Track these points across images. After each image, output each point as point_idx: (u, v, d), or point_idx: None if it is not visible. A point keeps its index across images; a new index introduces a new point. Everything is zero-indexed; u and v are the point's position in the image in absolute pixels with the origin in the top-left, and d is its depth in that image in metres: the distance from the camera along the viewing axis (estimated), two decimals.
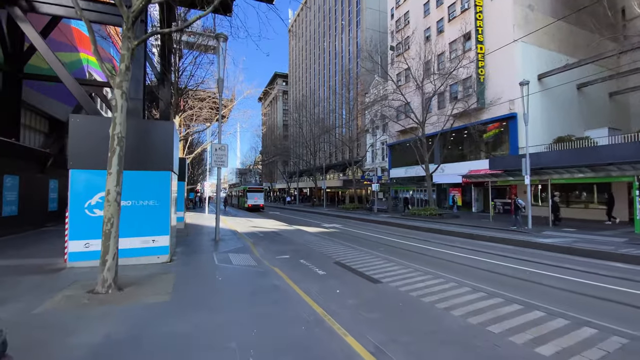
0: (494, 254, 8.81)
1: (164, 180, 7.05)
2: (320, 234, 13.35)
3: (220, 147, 10.50)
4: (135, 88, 7.48)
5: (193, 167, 41.54)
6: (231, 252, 8.39)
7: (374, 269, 6.87)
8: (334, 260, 7.80)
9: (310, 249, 9.48)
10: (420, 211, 21.83)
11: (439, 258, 8.25)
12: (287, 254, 8.68)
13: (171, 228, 7.36)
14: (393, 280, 5.90)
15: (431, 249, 9.74)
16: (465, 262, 7.69)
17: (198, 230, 13.72)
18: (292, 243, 10.80)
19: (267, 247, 9.76)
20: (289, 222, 19.57)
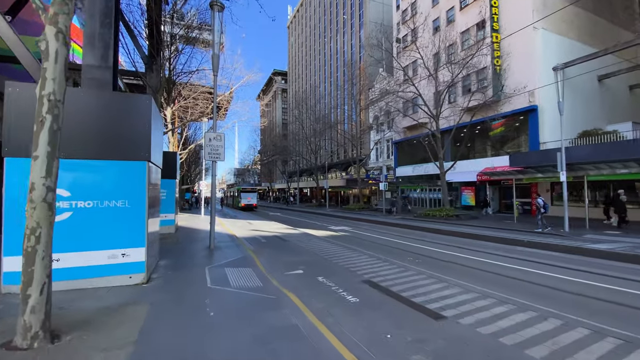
0: (550, 265, 7.09)
1: (137, 174, 5.27)
2: (330, 239, 11.59)
3: (216, 136, 8.73)
4: (102, 53, 5.71)
5: (189, 165, 39.70)
6: (229, 266, 6.62)
7: (420, 291, 5.12)
8: (362, 277, 6.05)
9: (327, 260, 7.73)
10: (434, 212, 20.11)
11: (488, 272, 6.52)
12: (299, 267, 6.92)
13: (149, 237, 5.59)
14: (459, 314, 4.14)
15: (471, 258, 8.01)
16: (530, 279, 5.96)
17: (191, 235, 11.93)
18: (302, 251, 9.04)
19: (272, 258, 7.98)
20: (292, 224, 17.80)
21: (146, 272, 5.31)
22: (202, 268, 6.44)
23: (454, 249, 9.41)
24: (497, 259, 7.96)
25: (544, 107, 21.05)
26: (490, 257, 8.21)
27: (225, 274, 5.98)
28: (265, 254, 8.51)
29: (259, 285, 5.28)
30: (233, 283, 5.37)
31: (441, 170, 20.87)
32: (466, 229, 13.90)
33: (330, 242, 10.87)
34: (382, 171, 37.00)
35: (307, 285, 5.47)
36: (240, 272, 6.13)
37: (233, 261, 7.18)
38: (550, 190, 20.55)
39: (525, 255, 8.49)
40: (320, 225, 17.56)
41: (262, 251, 8.88)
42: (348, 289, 5.20)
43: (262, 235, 12.48)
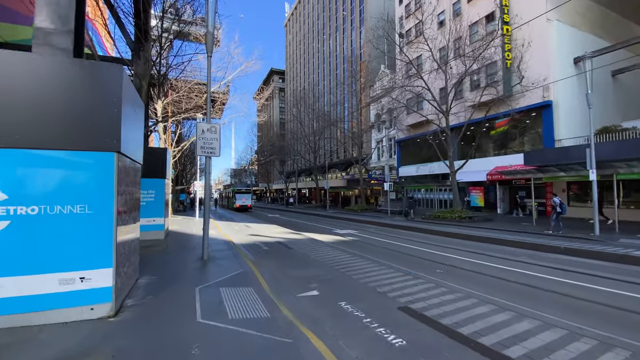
0: (616, 280, 5.85)
1: (102, 169, 3.93)
2: (340, 246, 10.29)
3: (210, 128, 7.40)
4: (62, 14, 4.38)
5: (184, 165, 38.23)
6: (225, 286, 5.30)
7: (482, 325, 3.85)
8: (394, 300, 4.76)
9: (343, 275, 6.43)
10: (445, 213, 18.89)
11: (548, 291, 5.26)
12: (312, 284, 5.62)
13: (122, 251, 4.26)
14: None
15: (511, 270, 6.75)
16: (614, 303, 4.71)
17: (182, 242, 10.57)
18: (312, 262, 7.73)
19: (278, 272, 6.67)
20: (294, 227, 16.48)
21: (114, 301, 3.96)
22: (192, 288, 5.11)
23: (485, 258, 8.16)
24: (545, 271, 6.71)
25: (558, 102, 19.97)
26: (533, 268, 6.96)
27: (220, 298, 4.65)
28: (268, 266, 7.19)
29: (265, 316, 3.97)
30: (231, 313, 4.05)
31: (451, 170, 19.67)
32: (485, 233, 12.68)
33: (341, 249, 9.57)
34: (384, 171, 35.82)
35: (329, 316, 4.16)
36: (240, 295, 4.81)
37: (230, 278, 5.85)
38: (566, 190, 19.43)
39: (576, 266, 7.26)
40: (324, 228, 16.25)
41: (264, 262, 7.55)
42: (385, 322, 3.90)
43: (263, 242, 11.15)
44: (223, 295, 4.77)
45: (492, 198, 23.96)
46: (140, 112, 5.68)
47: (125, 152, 4.29)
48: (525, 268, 7.01)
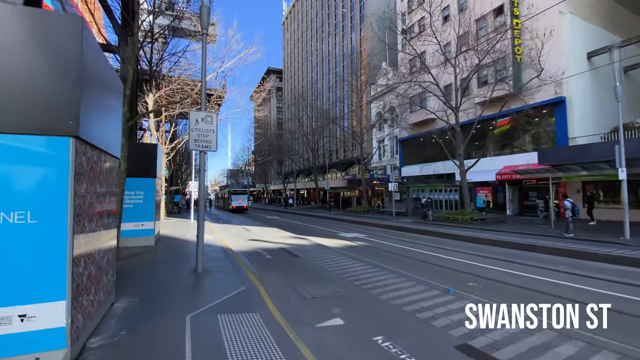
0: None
1: (52, 162, 2.80)
2: (350, 252, 9.20)
3: (205, 117, 6.27)
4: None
5: (179, 165, 36.96)
6: (224, 312, 4.19)
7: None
8: (449, 335, 3.67)
9: (366, 292, 5.34)
10: (455, 215, 17.89)
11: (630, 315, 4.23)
12: (333, 309, 4.52)
13: (79, 276, 3.13)
14: None
15: (570, 286, 5.72)
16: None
17: (174, 250, 9.42)
18: (325, 275, 6.62)
19: (287, 289, 5.55)
20: (296, 231, 15.36)
21: (71, 346, 2.83)
22: (182, 316, 3.99)
23: (522, 268, 7.11)
24: (603, 285, 5.69)
25: (572, 99, 19.08)
26: (586, 282, 5.94)
27: (219, 332, 3.54)
28: (274, 280, 6.07)
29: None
30: (233, 358, 2.94)
31: (461, 169, 18.67)
32: (506, 237, 11.67)
33: (353, 257, 8.47)
34: (386, 170, 34.81)
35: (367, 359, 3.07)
36: (244, 326, 3.71)
37: (230, 299, 4.74)
38: (581, 190, 18.53)
39: (630, 277, 6.25)
40: (328, 231, 15.16)
41: (269, 276, 6.43)
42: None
43: (264, 248, 10.02)
44: (222, 329, 3.65)
45: (501, 199, 23.05)
46: (117, 93, 4.53)
47: (88, 138, 3.16)
48: (578, 281, 5.98)
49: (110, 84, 4.07)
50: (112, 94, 4.19)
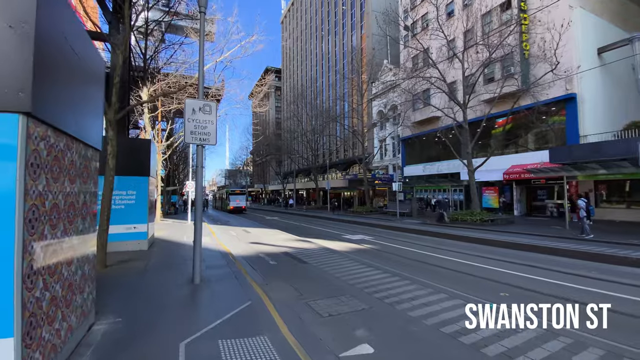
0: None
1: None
2: (362, 257, 8.48)
3: (203, 106, 5.51)
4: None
5: (176, 165, 36.12)
6: (226, 337, 3.44)
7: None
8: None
9: (395, 310, 4.59)
10: (464, 216, 17.19)
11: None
12: (357, 331, 3.78)
13: (37, 302, 2.37)
14: None
15: (622, 297, 5.02)
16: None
17: (169, 254, 8.65)
18: (338, 285, 5.87)
19: (298, 303, 4.80)
20: (299, 232, 14.61)
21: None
22: (175, 345, 3.24)
23: (552, 275, 6.41)
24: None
25: (583, 95, 18.48)
26: (628, 290, 5.24)
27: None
28: (282, 292, 5.32)
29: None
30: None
31: (469, 168, 17.98)
32: (523, 239, 11.00)
33: (366, 263, 7.74)
34: (388, 170, 34.15)
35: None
36: (251, 356, 2.96)
37: (233, 318, 3.98)
38: (594, 189, 17.91)
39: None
40: (333, 233, 14.43)
41: (276, 287, 5.67)
42: None
43: (268, 253, 9.25)
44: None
45: (507, 199, 22.41)
46: (97, 71, 3.77)
47: (51, 119, 2.40)
48: (617, 289, 5.28)
49: (87, 58, 3.31)
50: (90, 71, 3.43)
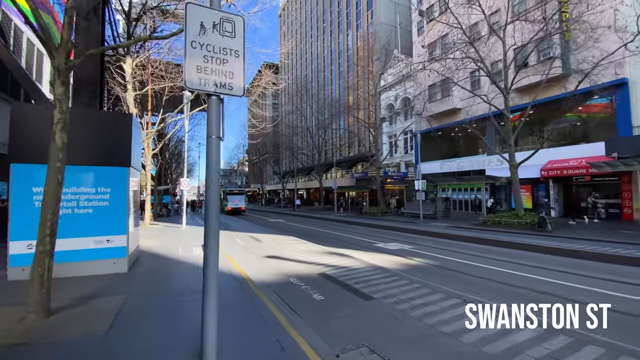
0: None
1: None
2: (424, 277, 5.93)
3: (220, 22, 2.87)
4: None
5: (169, 162, 33.17)
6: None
7: None
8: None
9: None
10: (508, 218, 14.76)
11: None
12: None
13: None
14: None
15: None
16: None
17: (159, 281, 5.95)
18: (453, 354, 3.32)
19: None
20: (320, 240, 11.96)
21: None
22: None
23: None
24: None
25: (636, 81, 16.25)
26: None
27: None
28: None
29: None
30: None
31: (512, 163, 15.55)
32: (607, 248, 8.60)
33: (447, 292, 5.15)
34: (400, 168, 31.71)
35: None
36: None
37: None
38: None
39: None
40: (361, 241, 11.85)
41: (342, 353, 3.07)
42: None
43: (298, 275, 6.60)
44: None
45: (541, 198, 20.13)
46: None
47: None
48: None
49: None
50: None
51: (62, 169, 4.18)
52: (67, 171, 5.78)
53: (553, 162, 18.42)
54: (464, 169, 24.48)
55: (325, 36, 47.22)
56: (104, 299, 4.70)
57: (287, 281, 6.07)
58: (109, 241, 6.15)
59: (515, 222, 14.16)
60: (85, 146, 5.97)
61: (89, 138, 6.01)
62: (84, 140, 5.97)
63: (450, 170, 25.54)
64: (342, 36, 42.63)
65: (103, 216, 6.09)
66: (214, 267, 2.82)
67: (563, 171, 17.61)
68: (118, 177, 6.21)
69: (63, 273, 5.70)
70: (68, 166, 5.84)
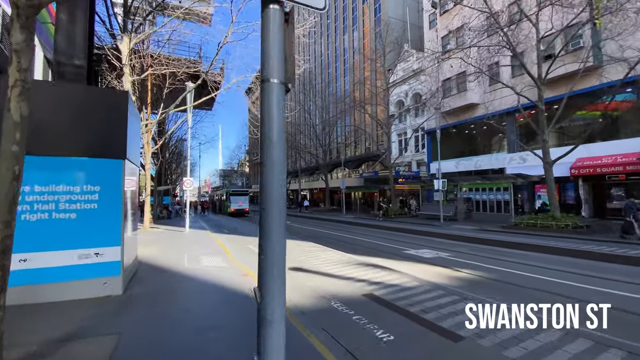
0: None
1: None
2: (487, 293, 4.55)
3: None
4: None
5: (169, 162, 31.79)
6: None
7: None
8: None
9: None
10: (544, 220, 13.43)
11: None
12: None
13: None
14: None
15: None
16: None
17: (163, 310, 4.56)
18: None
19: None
20: (343, 247, 10.60)
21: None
22: None
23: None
24: None
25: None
26: None
27: None
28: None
29: None
30: None
31: (546, 160, 14.24)
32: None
33: None
34: (411, 167, 30.40)
35: None
36: None
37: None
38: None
39: None
40: (388, 247, 10.50)
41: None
42: None
43: (339, 296, 5.22)
44: None
45: (570, 198, 18.83)
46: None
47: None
48: None
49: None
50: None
51: (21, 157, 2.80)
52: (43, 164, 4.43)
53: (583, 160, 17.12)
54: (482, 167, 23.18)
55: (329, 32, 45.93)
56: (87, 342, 3.32)
57: (329, 307, 4.69)
58: (98, 255, 4.77)
59: (553, 225, 12.84)
60: (68, 132, 4.61)
61: (73, 121, 4.64)
62: (66, 124, 4.61)
63: (467, 169, 24.25)
64: (347, 31, 41.33)
65: (90, 222, 4.72)
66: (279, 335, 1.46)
67: (596, 169, 16.32)
68: (110, 171, 4.83)
69: (35, 298, 4.33)
70: (44, 158, 4.49)
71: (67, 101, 4.63)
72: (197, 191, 78.80)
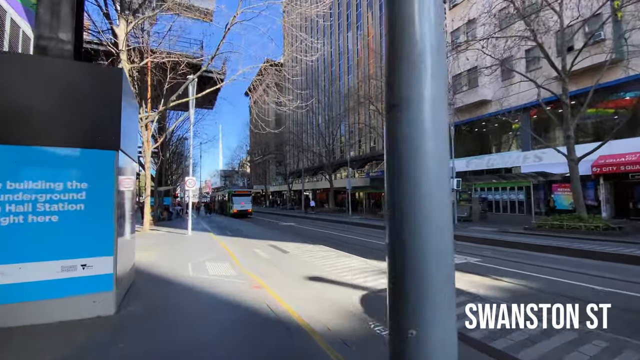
0: None
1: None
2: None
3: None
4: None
5: (170, 164, 31.01)
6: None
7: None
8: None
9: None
10: (570, 221, 12.57)
11: None
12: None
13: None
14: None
15: None
16: None
17: (166, 331, 3.71)
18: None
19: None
20: (353, 249, 9.77)
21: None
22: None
23: None
24: None
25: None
26: None
27: None
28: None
29: None
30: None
31: (571, 157, 13.39)
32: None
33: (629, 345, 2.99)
34: None
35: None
36: None
37: None
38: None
39: None
40: None
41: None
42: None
43: (375, 317, 4.40)
44: None
45: (590, 198, 17.96)
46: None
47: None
48: None
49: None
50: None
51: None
52: (18, 155, 3.60)
53: (606, 157, 16.26)
54: (494, 166, 22.33)
55: (332, 30, 45.15)
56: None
57: (365, 330, 3.83)
58: (86, 267, 3.92)
59: (582, 227, 11.98)
60: (48, 117, 3.77)
61: (55, 105, 3.81)
62: (47, 107, 3.77)
63: (478, 168, 23.38)
64: (352, 29, 40.55)
65: (76, 227, 3.88)
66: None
67: (620, 167, 15.48)
68: (100, 165, 3.99)
69: (7, 321, 3.49)
70: (19, 147, 3.65)
71: (50, 78, 3.79)
72: (198, 192, 78.04)
